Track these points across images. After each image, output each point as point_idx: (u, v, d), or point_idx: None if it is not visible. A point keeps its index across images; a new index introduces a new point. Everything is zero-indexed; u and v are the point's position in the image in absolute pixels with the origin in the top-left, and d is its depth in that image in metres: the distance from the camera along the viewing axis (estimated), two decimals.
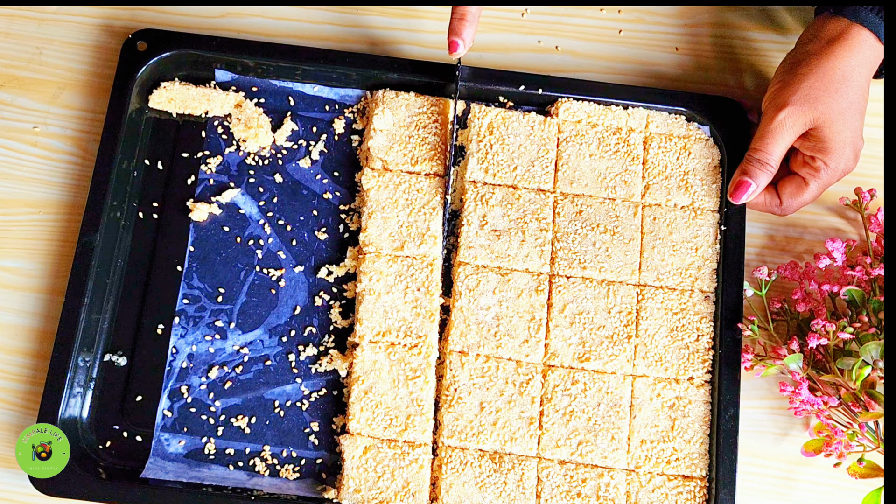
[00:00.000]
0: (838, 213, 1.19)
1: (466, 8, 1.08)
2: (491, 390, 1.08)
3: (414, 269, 1.11)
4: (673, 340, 1.10)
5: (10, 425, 1.10)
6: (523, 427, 1.07)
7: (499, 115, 1.16)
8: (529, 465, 1.06)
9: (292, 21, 1.25)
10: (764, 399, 1.13)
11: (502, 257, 1.11)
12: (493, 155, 1.15)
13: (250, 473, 1.08)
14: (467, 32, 1.10)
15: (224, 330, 1.12)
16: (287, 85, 1.19)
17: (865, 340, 1.02)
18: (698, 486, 1.07)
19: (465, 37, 1.10)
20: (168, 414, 1.09)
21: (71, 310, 1.08)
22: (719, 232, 1.14)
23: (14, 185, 1.17)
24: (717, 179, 1.15)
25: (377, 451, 1.06)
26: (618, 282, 1.12)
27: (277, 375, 1.11)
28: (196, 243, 1.14)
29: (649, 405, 1.08)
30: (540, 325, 1.10)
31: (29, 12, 1.24)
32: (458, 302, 1.10)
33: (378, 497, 1.05)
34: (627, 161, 1.15)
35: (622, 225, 1.13)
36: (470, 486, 1.05)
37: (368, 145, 1.15)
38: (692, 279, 1.12)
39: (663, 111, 1.18)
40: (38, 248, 1.16)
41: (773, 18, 1.26)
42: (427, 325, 1.09)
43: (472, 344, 1.09)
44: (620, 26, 1.26)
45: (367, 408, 1.07)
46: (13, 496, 1.08)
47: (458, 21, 1.10)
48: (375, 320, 1.10)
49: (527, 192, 1.14)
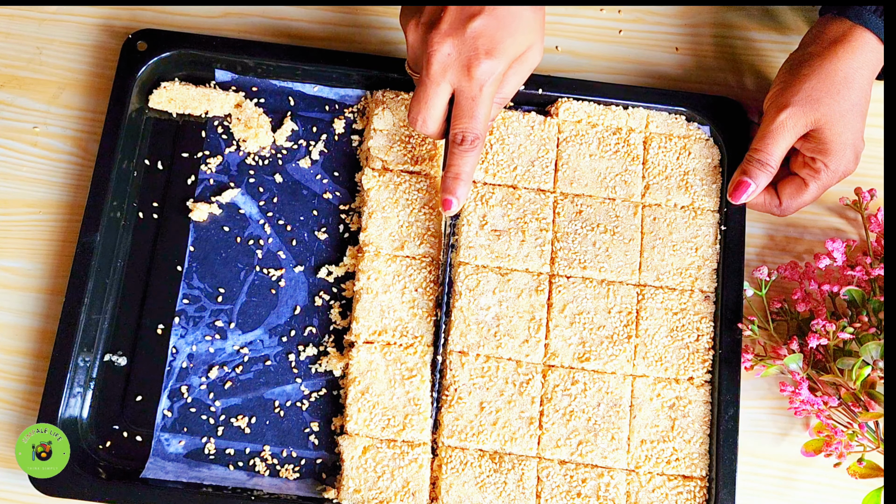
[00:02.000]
0: (838, 213, 1.19)
1: (461, 169, 1.07)
2: (491, 390, 1.08)
3: (412, 269, 1.11)
4: (673, 340, 1.10)
5: (9, 425, 1.10)
6: (523, 427, 1.07)
7: (498, 115, 1.16)
8: (529, 465, 1.06)
9: (293, 21, 1.25)
10: (764, 399, 1.13)
11: (502, 257, 1.11)
12: (493, 155, 1.15)
13: (250, 473, 1.08)
14: (462, 192, 1.07)
15: (224, 330, 1.12)
16: (287, 85, 1.19)
17: (865, 340, 1.02)
18: (698, 486, 1.07)
19: (460, 196, 1.07)
20: (168, 414, 1.09)
21: (71, 310, 1.08)
22: (719, 232, 1.14)
23: (14, 185, 1.17)
24: (717, 179, 1.15)
25: (376, 451, 1.06)
26: (618, 282, 1.12)
27: (277, 375, 1.11)
28: (196, 243, 1.14)
29: (649, 405, 1.08)
30: (540, 325, 1.10)
31: (29, 12, 1.24)
32: (458, 302, 1.10)
33: (378, 497, 1.04)
34: (627, 161, 1.15)
35: (622, 225, 1.13)
36: (470, 485, 1.05)
37: (368, 145, 1.15)
38: (692, 279, 1.12)
39: (663, 111, 1.18)
40: (38, 248, 1.16)
41: (775, 18, 1.26)
42: (423, 325, 1.09)
43: (472, 344, 1.09)
44: (620, 26, 1.26)
45: (364, 408, 1.07)
46: (13, 496, 1.08)
47: (454, 180, 1.06)
48: (372, 319, 1.10)
49: (527, 192, 1.14)
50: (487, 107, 1.02)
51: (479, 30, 1.00)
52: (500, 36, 1.00)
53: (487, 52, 0.99)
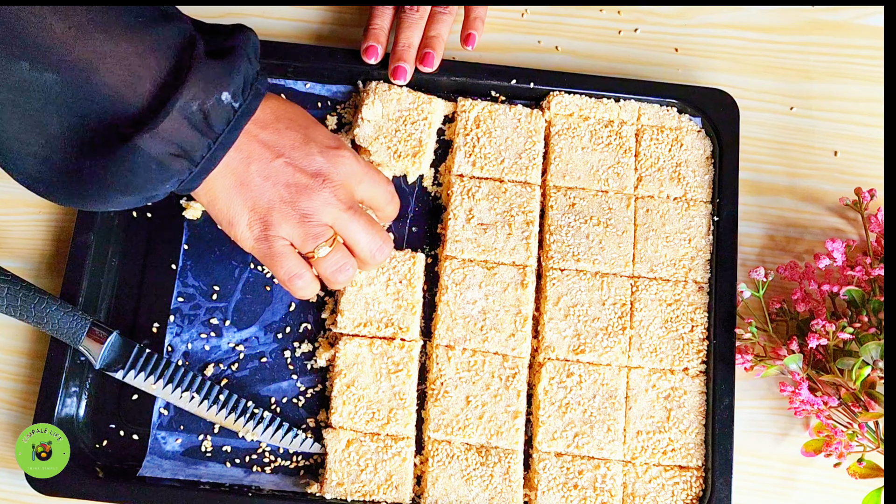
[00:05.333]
0: (838, 213, 1.18)
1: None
2: (477, 384, 1.08)
3: (396, 262, 1.11)
4: (667, 331, 1.10)
5: (9, 425, 1.11)
6: (509, 421, 1.07)
7: (485, 108, 1.16)
8: (516, 459, 1.06)
9: (293, 21, 1.26)
10: (764, 399, 1.13)
11: (489, 251, 1.11)
12: (480, 148, 1.15)
13: (247, 470, 1.08)
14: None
15: (219, 328, 1.12)
16: (279, 82, 1.20)
17: (865, 340, 1.02)
18: (695, 475, 1.07)
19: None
20: (164, 412, 1.09)
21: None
22: (712, 223, 1.13)
23: (14, 185, 1.16)
24: (709, 170, 1.15)
25: (360, 445, 1.06)
26: (612, 274, 1.12)
27: (273, 372, 1.11)
28: (190, 241, 1.15)
29: (645, 396, 1.09)
30: (526, 320, 1.10)
31: None
32: (445, 296, 1.10)
33: (361, 490, 1.05)
34: (620, 153, 1.16)
35: (615, 217, 1.13)
36: (456, 479, 1.05)
37: (355, 133, 1.15)
38: (686, 270, 1.12)
39: (655, 103, 1.18)
40: (38, 247, 1.17)
41: (775, 19, 1.26)
42: (409, 318, 1.10)
43: (459, 338, 1.09)
44: (620, 26, 1.26)
45: (349, 401, 1.07)
46: (13, 496, 1.09)
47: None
48: (357, 312, 1.10)
49: (513, 186, 1.14)
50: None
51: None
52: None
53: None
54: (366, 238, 1.01)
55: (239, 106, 0.93)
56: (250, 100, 0.95)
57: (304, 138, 0.99)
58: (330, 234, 0.99)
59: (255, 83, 0.95)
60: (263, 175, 0.97)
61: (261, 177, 0.97)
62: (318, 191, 0.98)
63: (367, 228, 1.01)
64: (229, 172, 0.96)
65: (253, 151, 0.96)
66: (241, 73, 0.93)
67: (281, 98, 1.02)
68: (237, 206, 0.97)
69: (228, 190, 0.97)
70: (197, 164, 0.92)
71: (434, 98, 1.17)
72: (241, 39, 0.95)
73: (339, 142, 1.02)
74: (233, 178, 0.96)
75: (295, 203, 0.97)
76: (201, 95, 0.89)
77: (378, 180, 1.04)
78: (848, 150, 1.21)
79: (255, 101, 0.95)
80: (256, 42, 0.97)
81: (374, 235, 1.02)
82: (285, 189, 0.97)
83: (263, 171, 0.97)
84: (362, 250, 1.02)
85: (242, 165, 0.96)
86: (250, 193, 0.97)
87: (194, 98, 0.89)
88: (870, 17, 1.26)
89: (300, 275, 1.00)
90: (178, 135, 0.89)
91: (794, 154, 1.20)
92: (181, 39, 0.91)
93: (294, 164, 0.98)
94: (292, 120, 1.00)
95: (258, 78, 0.96)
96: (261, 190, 0.97)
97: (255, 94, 0.95)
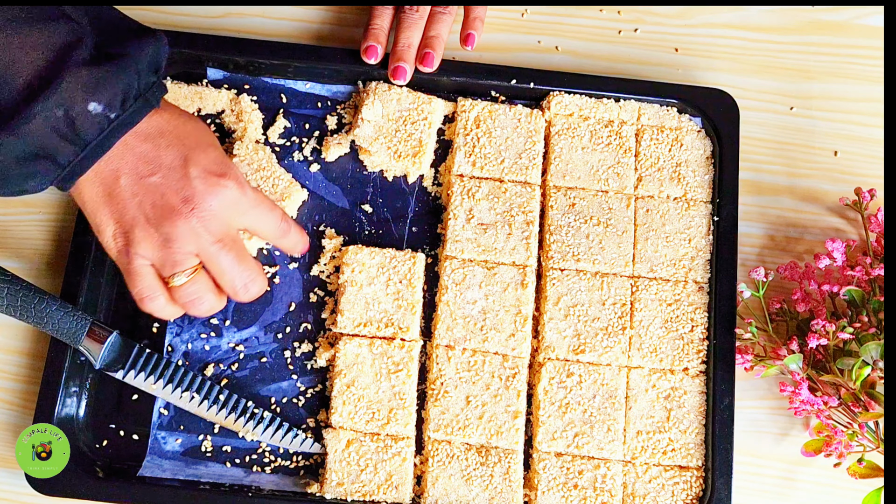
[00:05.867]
0: (838, 213, 1.19)
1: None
2: (477, 384, 1.08)
3: (396, 262, 1.11)
4: (667, 331, 1.10)
5: (9, 425, 1.11)
6: (509, 421, 1.07)
7: (485, 108, 1.16)
8: (516, 459, 1.06)
9: (293, 21, 1.26)
10: (764, 399, 1.13)
11: (489, 251, 1.11)
12: (480, 148, 1.15)
13: (247, 470, 1.08)
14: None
15: (219, 327, 1.12)
16: (279, 82, 1.20)
17: (865, 340, 1.02)
18: (694, 475, 1.07)
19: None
20: (164, 412, 1.09)
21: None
22: (712, 223, 1.13)
23: None
24: (709, 170, 1.15)
25: (360, 445, 1.06)
26: (612, 274, 1.12)
27: (273, 372, 1.11)
28: None
29: (645, 396, 1.09)
30: (526, 320, 1.10)
31: None
32: (445, 296, 1.10)
33: (361, 490, 1.05)
34: (620, 153, 1.16)
35: (615, 217, 1.13)
36: (456, 478, 1.05)
37: (355, 133, 1.15)
38: (686, 270, 1.12)
39: (655, 103, 1.18)
40: (38, 247, 1.16)
41: (775, 19, 1.26)
42: (409, 318, 1.10)
43: (459, 338, 1.09)
44: (620, 26, 1.26)
45: (349, 401, 1.07)
46: (13, 496, 1.08)
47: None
48: (357, 312, 1.10)
49: (513, 186, 1.14)
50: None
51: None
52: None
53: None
54: (232, 273, 0.99)
55: (116, 116, 0.91)
56: (133, 111, 0.93)
57: (184, 159, 0.96)
58: (193, 262, 0.97)
59: (146, 93, 0.93)
60: (132, 190, 0.95)
61: (129, 191, 0.95)
62: (184, 217, 0.95)
63: (235, 263, 0.99)
64: (98, 181, 0.94)
65: (126, 164, 0.94)
66: (122, 82, 0.91)
67: (180, 113, 1.00)
68: (103, 216, 0.96)
69: (95, 198, 0.95)
70: (64, 168, 0.92)
71: (434, 98, 1.17)
72: (133, 48, 0.93)
73: (227, 168, 0.98)
74: (101, 188, 0.95)
75: (159, 226, 0.95)
76: (67, 102, 0.88)
77: (265, 212, 1.02)
78: (848, 150, 1.21)
79: (140, 113, 0.93)
80: (159, 50, 0.95)
81: (241, 271, 1.00)
82: (151, 209, 0.95)
83: (132, 187, 0.95)
84: (226, 284, 1.00)
85: (112, 176, 0.94)
86: (116, 206, 0.95)
87: (60, 104, 0.87)
88: (870, 17, 1.26)
89: (152, 297, 0.98)
90: (40, 138, 0.88)
91: (794, 154, 1.21)
92: (65, 41, 0.89)
93: (166, 185, 0.95)
94: (180, 138, 0.97)
95: (152, 88, 0.94)
96: (127, 205, 0.95)
97: (142, 105, 0.93)
